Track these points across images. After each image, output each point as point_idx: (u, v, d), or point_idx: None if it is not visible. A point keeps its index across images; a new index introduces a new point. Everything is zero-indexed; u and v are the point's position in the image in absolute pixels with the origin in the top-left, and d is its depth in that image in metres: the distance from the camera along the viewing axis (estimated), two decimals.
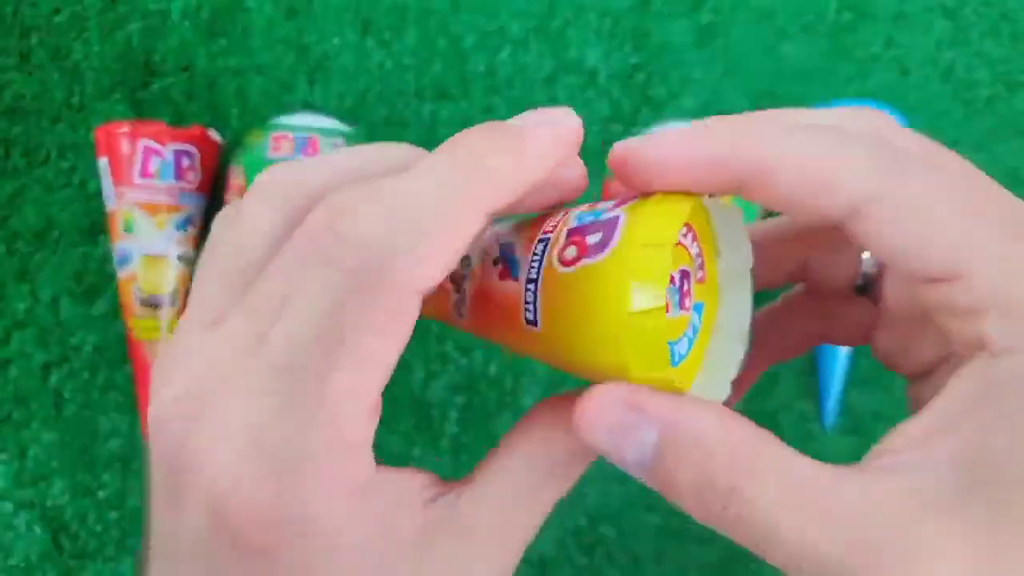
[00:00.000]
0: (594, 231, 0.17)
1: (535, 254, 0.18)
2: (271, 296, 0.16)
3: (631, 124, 0.48)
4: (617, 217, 0.17)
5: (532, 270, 0.18)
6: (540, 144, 0.17)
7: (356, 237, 0.15)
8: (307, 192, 0.18)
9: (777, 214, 0.20)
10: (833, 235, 0.19)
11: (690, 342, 0.19)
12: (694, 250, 0.19)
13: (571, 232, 0.18)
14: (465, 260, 0.20)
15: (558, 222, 0.18)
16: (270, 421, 0.15)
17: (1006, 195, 0.16)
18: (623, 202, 0.18)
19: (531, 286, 0.18)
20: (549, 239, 0.18)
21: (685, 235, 0.18)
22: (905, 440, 0.16)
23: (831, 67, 0.48)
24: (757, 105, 0.48)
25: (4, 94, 0.48)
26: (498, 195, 0.17)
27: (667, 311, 0.17)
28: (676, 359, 0.18)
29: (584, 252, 0.17)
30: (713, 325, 0.20)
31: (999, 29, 0.48)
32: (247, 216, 0.18)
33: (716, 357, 0.19)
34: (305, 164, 0.19)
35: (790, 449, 0.16)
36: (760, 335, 0.21)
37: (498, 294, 0.19)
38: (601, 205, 0.18)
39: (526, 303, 0.18)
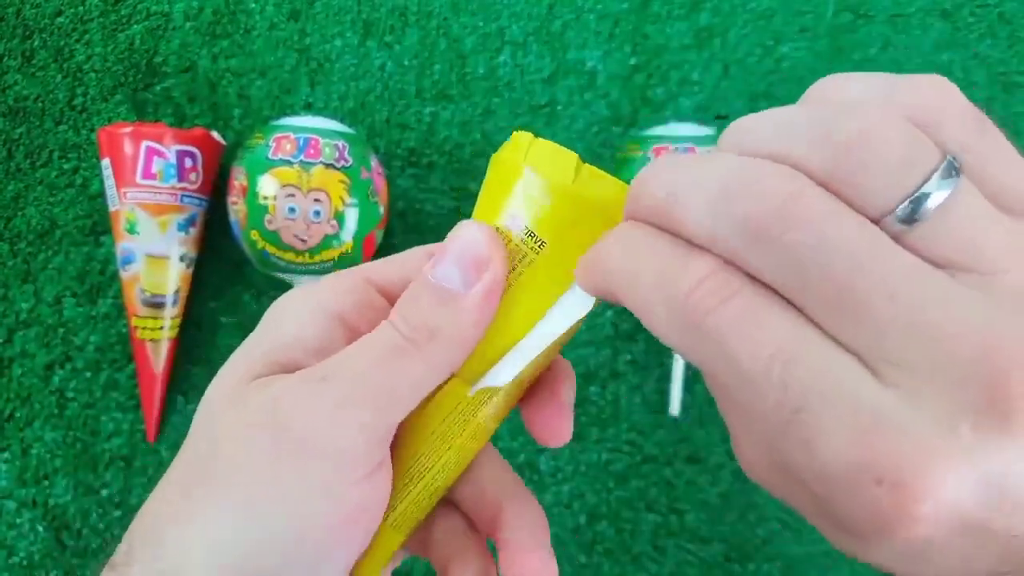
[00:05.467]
0: None
1: None
2: None
3: (630, 125, 0.48)
4: None
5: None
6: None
7: None
8: None
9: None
10: None
11: None
12: None
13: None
14: None
15: None
16: None
17: None
18: None
19: None
20: None
21: None
22: None
23: (829, 68, 0.48)
24: (755, 106, 0.48)
25: (7, 95, 0.48)
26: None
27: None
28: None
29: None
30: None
31: (996, 31, 0.48)
32: None
33: None
34: None
35: None
36: None
37: None
38: None
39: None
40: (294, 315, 0.22)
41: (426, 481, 0.22)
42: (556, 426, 0.24)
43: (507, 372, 0.21)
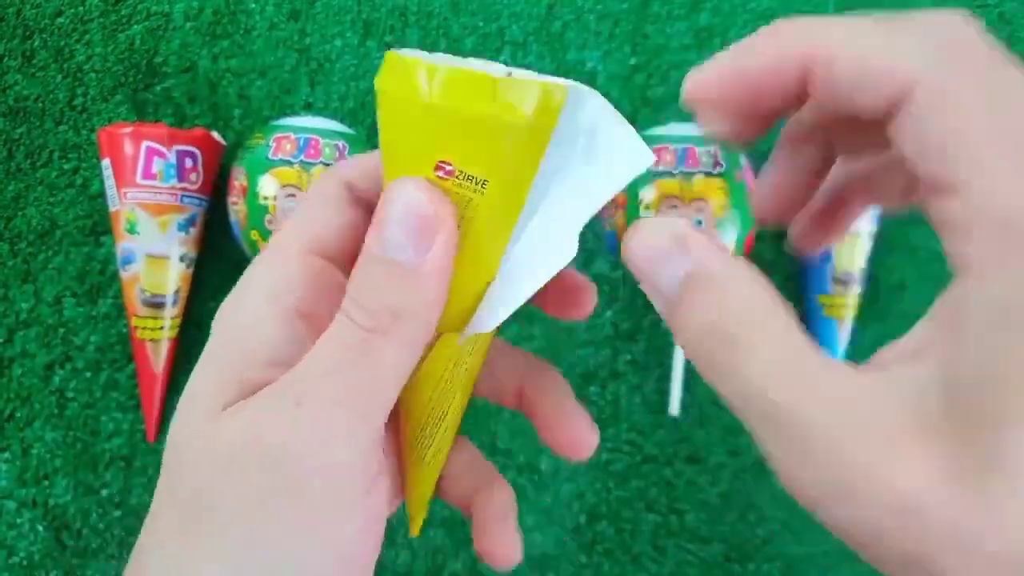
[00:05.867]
0: None
1: None
2: None
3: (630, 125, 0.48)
4: None
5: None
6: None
7: None
8: None
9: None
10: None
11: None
12: None
13: None
14: None
15: None
16: None
17: None
18: None
19: None
20: None
21: None
22: (893, 354, 0.16)
23: None
24: None
25: (7, 95, 0.48)
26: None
27: None
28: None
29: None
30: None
31: (996, 31, 0.48)
32: None
33: None
34: None
35: (796, 320, 0.16)
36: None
37: None
38: None
39: None
40: (250, 321, 0.20)
41: (446, 423, 0.22)
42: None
43: (488, 318, 0.20)
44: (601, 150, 0.19)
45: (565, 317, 0.24)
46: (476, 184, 0.18)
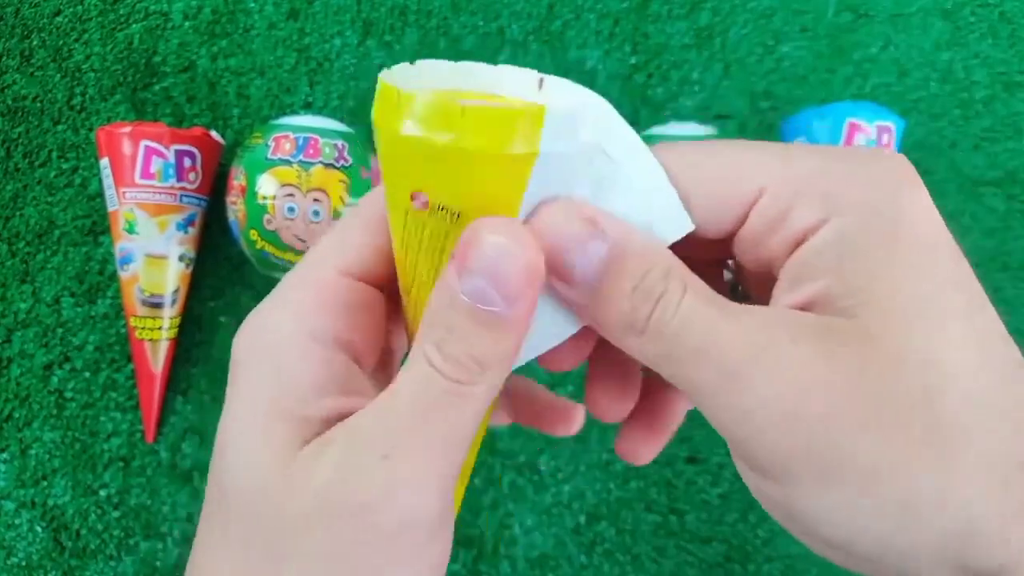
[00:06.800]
0: None
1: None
2: None
3: (631, 125, 0.48)
4: None
5: None
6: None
7: None
8: None
9: None
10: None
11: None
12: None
13: None
14: None
15: None
16: None
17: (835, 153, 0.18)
18: None
19: None
20: None
21: None
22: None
23: (829, 68, 0.48)
24: (756, 105, 0.48)
25: (5, 95, 0.48)
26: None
27: None
28: None
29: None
30: None
31: (997, 30, 0.48)
32: None
33: None
34: None
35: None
36: None
37: None
38: None
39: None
40: (287, 348, 0.19)
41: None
42: (566, 416, 0.25)
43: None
44: (628, 181, 0.18)
45: (554, 433, 0.25)
46: (451, 216, 0.17)
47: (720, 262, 0.22)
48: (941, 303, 0.16)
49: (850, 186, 0.17)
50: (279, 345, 0.19)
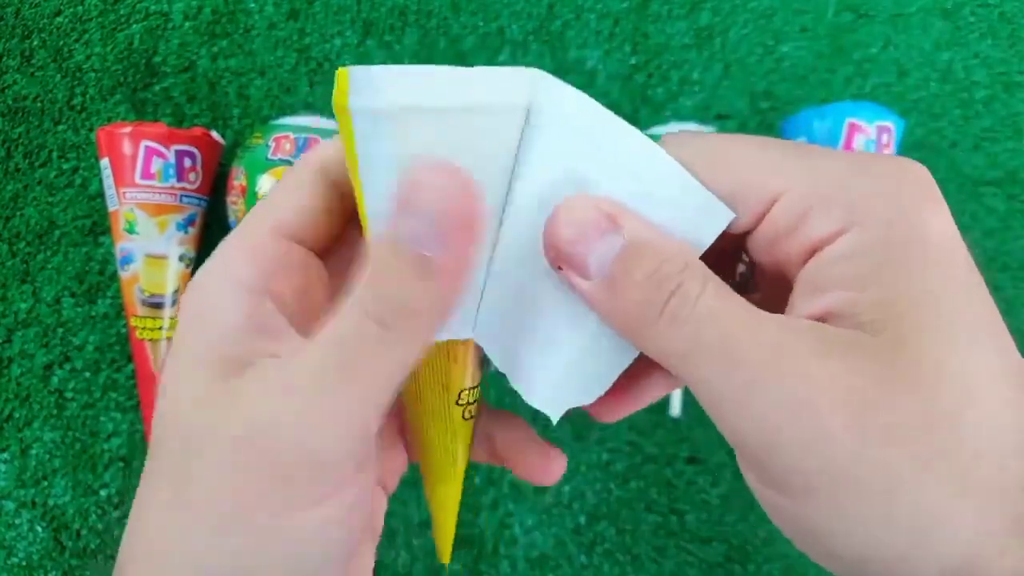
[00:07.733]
0: None
1: None
2: None
3: (631, 125, 0.48)
4: None
5: None
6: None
7: None
8: None
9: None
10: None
11: None
12: None
13: None
14: None
15: None
16: None
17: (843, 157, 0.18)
18: None
19: None
20: None
21: None
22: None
23: (829, 68, 0.48)
24: (756, 105, 0.48)
25: (6, 95, 0.48)
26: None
27: None
28: None
29: None
30: None
31: (997, 30, 0.48)
32: None
33: None
34: None
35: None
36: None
37: None
38: None
39: None
40: (220, 298, 0.19)
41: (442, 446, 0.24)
42: (543, 467, 0.25)
43: (463, 325, 0.20)
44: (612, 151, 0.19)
45: (531, 481, 0.25)
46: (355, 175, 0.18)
47: (731, 256, 0.22)
48: (964, 324, 0.16)
49: (872, 198, 0.17)
50: (207, 293, 0.19)
